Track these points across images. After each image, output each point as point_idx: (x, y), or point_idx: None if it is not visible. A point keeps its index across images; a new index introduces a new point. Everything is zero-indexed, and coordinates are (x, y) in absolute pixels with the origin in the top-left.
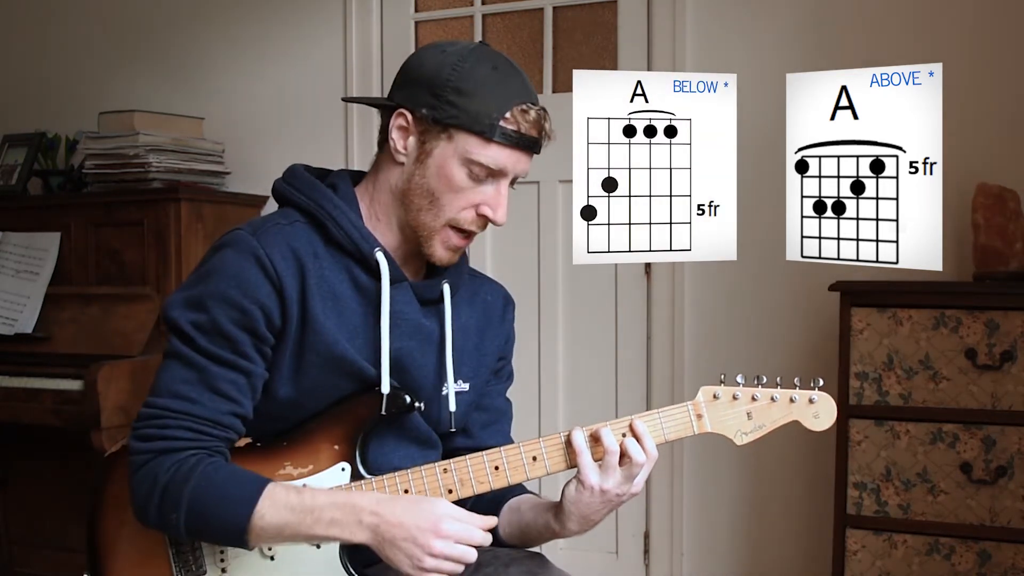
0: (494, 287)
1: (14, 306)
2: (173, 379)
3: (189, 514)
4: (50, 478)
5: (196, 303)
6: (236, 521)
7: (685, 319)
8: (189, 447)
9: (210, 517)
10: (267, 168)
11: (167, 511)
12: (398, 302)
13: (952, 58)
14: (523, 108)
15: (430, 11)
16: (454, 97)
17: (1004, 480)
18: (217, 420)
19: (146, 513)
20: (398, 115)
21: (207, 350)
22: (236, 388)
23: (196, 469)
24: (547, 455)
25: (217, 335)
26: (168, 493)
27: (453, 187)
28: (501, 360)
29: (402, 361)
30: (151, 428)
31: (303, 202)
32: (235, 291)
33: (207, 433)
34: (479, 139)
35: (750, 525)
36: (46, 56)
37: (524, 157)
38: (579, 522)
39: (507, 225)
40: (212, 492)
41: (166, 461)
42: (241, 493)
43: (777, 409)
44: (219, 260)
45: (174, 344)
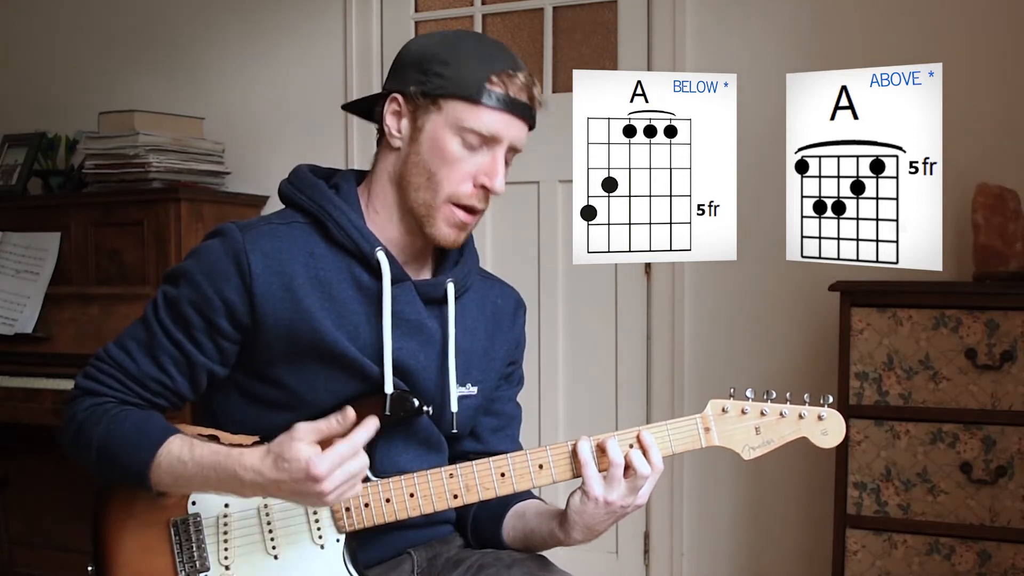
0: (506, 290)
1: (14, 306)
2: (128, 335)
3: (99, 454)
4: (50, 478)
5: (174, 277)
6: (138, 467)
7: (685, 319)
8: (110, 395)
9: (115, 459)
10: (267, 168)
11: (81, 447)
12: (400, 302)
13: (952, 58)
14: (509, 72)
15: (430, 11)
16: (440, 68)
17: (1004, 480)
18: (144, 383)
19: (67, 445)
20: (391, 101)
21: (162, 321)
22: (173, 364)
23: (108, 413)
24: (553, 464)
25: (176, 312)
26: (82, 432)
27: (448, 159)
28: (511, 365)
29: (405, 362)
30: (91, 368)
31: (305, 203)
32: (203, 278)
33: (131, 390)
34: (468, 104)
35: (750, 525)
36: (46, 56)
37: (516, 122)
38: (583, 532)
39: (507, 225)
40: (119, 437)
41: (87, 401)
42: (143, 442)
43: (786, 425)
44: (205, 246)
45: (147, 307)
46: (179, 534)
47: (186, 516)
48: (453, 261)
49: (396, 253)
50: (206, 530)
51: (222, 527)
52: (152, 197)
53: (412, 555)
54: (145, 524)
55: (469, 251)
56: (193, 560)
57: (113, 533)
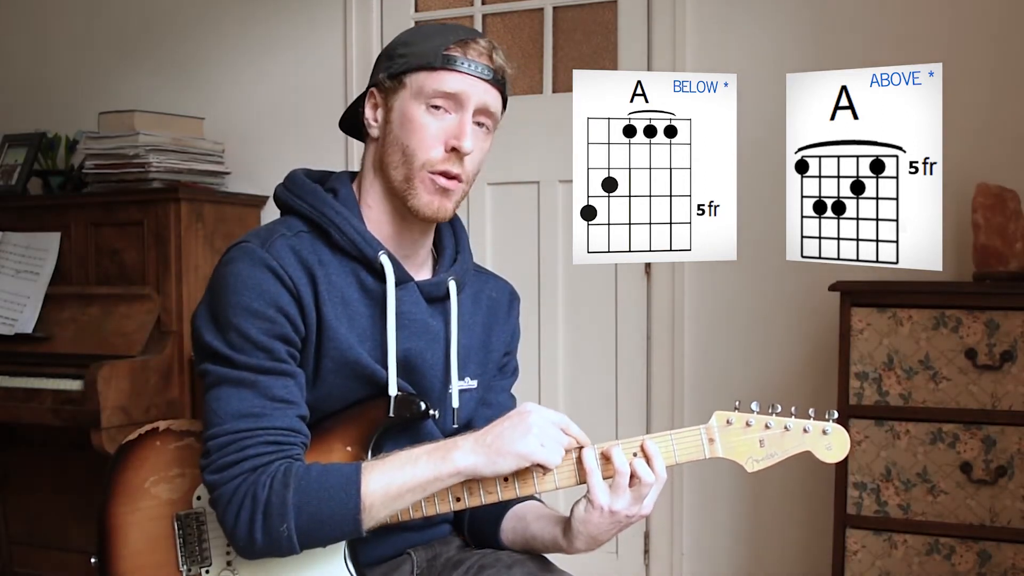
0: (499, 283)
1: (14, 306)
2: (229, 402)
3: (299, 517)
4: (50, 478)
5: (223, 323)
6: (347, 503)
7: (685, 319)
8: (274, 459)
9: (320, 512)
10: (267, 168)
11: (275, 524)
12: (405, 303)
13: (952, 58)
14: (467, 40)
15: (430, 11)
16: (403, 49)
17: (1004, 480)
18: (288, 427)
19: (251, 538)
20: (369, 96)
21: (249, 364)
22: (289, 392)
23: (290, 474)
24: (557, 470)
25: (253, 348)
26: (271, 506)
27: (416, 128)
28: (507, 355)
29: (412, 361)
30: (229, 455)
31: (305, 210)
32: (258, 302)
33: (284, 442)
34: (428, 72)
35: (750, 525)
36: (46, 56)
37: (479, 84)
38: (586, 541)
39: (507, 225)
40: (315, 489)
41: (260, 477)
42: (341, 480)
43: (790, 438)
44: (233, 275)
45: (214, 370)
46: (183, 528)
47: (191, 511)
48: (451, 258)
49: (395, 250)
50: (210, 525)
51: None
52: (152, 197)
53: (412, 555)
54: (151, 518)
55: (464, 247)
56: (196, 554)
57: (118, 525)
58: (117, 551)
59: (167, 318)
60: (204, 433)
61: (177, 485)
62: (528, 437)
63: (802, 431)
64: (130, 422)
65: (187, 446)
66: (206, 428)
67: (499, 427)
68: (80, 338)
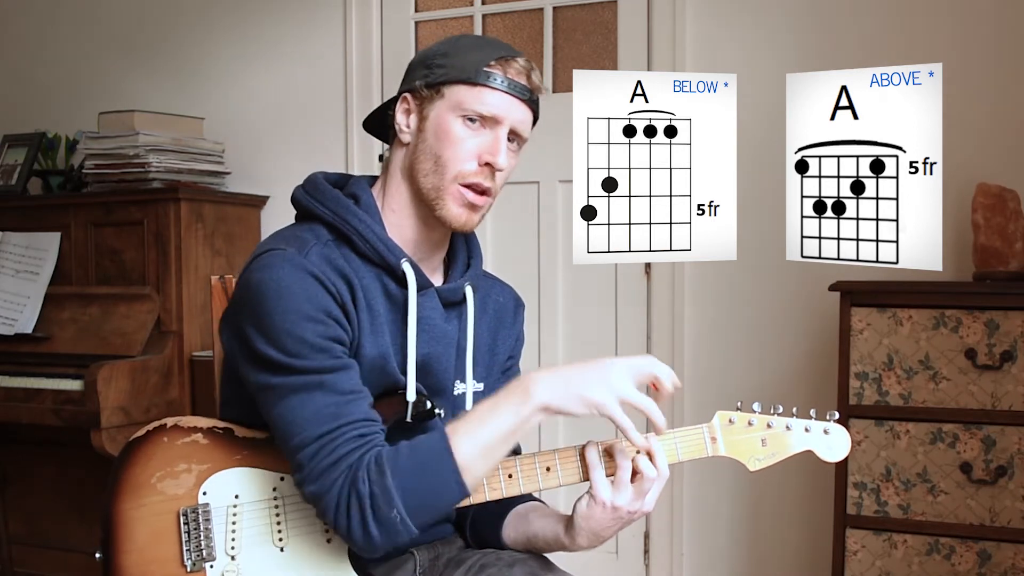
0: (505, 289)
1: (14, 306)
2: (303, 409)
3: (405, 499)
4: (50, 478)
5: (276, 330)
6: (445, 471)
7: (685, 319)
8: (364, 451)
9: (423, 487)
10: (267, 168)
11: (385, 512)
12: (425, 308)
13: (952, 58)
14: (507, 57)
15: (430, 11)
16: (442, 60)
17: (1004, 480)
18: (366, 416)
19: (368, 534)
20: (402, 101)
21: (310, 367)
22: (355, 383)
23: (383, 460)
24: (561, 467)
25: (311, 350)
26: (376, 497)
27: (452, 140)
28: (510, 360)
29: (430, 366)
30: (322, 460)
31: (328, 216)
32: (309, 307)
33: (368, 432)
34: (467, 86)
35: (750, 525)
36: (46, 56)
37: (516, 104)
38: (589, 538)
39: (507, 225)
40: (410, 467)
41: (358, 473)
42: (432, 452)
43: (791, 438)
44: (276, 281)
45: (278, 382)
46: (188, 523)
47: (196, 506)
48: (464, 263)
49: (414, 254)
50: (215, 520)
51: (231, 518)
52: (152, 197)
53: (415, 555)
54: (156, 513)
55: (477, 253)
56: (200, 549)
57: (123, 521)
58: (121, 546)
59: (167, 318)
60: (287, 446)
61: (183, 480)
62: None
63: (803, 431)
64: (130, 422)
65: (194, 442)
66: (288, 441)
67: (583, 367)
68: (80, 338)
